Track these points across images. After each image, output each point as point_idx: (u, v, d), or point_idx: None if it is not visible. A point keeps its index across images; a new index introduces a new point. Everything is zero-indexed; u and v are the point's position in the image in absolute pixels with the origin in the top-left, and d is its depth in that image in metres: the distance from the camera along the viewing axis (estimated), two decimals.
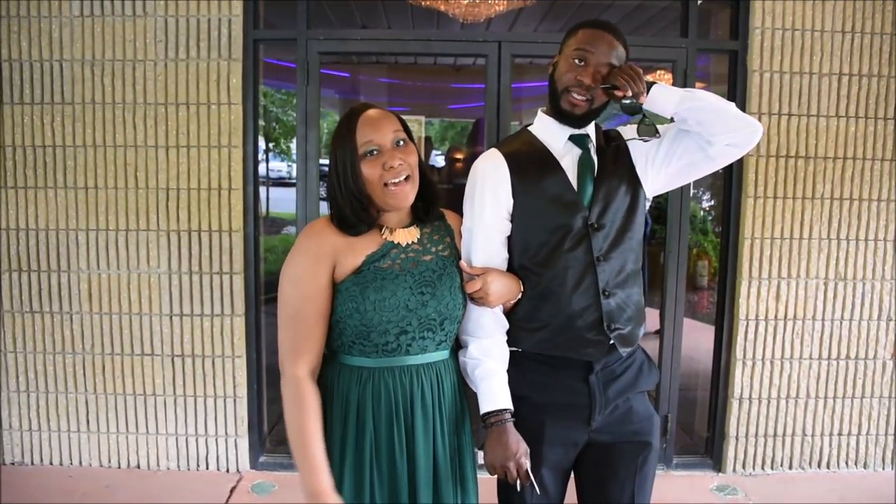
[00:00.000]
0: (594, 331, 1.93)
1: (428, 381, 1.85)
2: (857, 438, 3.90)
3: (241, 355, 3.72)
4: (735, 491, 3.71)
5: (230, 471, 3.82)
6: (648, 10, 5.01)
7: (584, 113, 1.92)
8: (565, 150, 1.97)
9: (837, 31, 3.63)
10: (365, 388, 1.83)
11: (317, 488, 1.71)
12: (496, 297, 1.89)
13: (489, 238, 1.94)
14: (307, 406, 1.75)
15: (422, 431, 1.84)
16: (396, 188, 1.80)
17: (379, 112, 1.84)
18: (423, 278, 1.83)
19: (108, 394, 3.75)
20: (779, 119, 3.66)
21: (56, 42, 3.57)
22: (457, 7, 5.15)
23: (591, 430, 1.97)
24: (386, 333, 1.80)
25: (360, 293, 1.78)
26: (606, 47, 1.88)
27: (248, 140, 3.68)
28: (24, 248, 3.67)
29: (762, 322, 3.76)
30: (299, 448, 1.75)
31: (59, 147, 3.62)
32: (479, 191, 1.95)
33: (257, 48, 3.73)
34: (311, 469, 1.73)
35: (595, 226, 1.92)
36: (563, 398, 1.96)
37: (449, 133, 15.72)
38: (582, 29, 1.93)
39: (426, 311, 1.82)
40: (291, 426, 1.77)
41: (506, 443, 1.85)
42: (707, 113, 1.86)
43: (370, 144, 1.79)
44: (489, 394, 1.89)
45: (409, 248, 1.87)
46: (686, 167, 2.00)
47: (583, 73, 1.87)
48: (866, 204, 3.74)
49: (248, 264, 3.72)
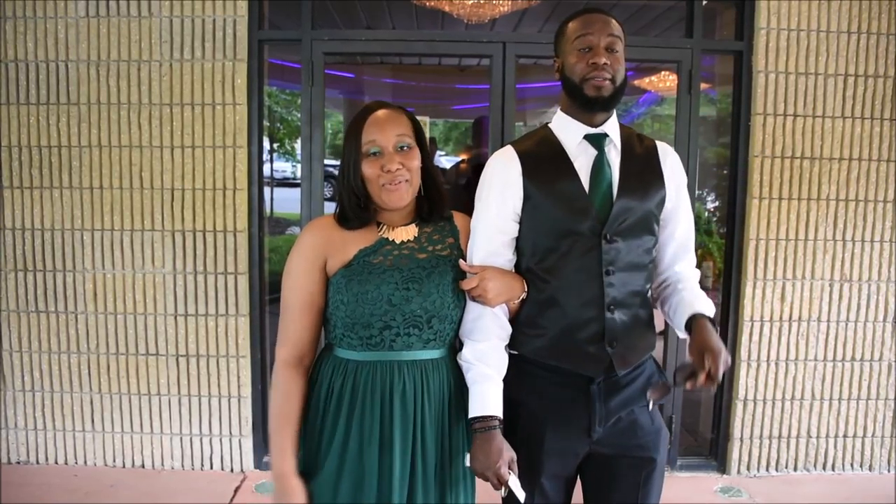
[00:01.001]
0: (594, 345, 1.87)
1: (411, 378, 1.84)
2: (863, 440, 3.89)
3: (245, 355, 3.73)
4: (739, 492, 3.71)
5: (234, 470, 3.82)
6: (653, 11, 5.01)
7: (612, 93, 1.84)
8: (580, 150, 1.90)
9: (843, 31, 3.63)
10: (347, 380, 1.85)
11: (279, 470, 1.81)
12: (495, 295, 1.85)
13: (489, 238, 1.91)
14: (283, 390, 1.85)
15: (399, 428, 1.82)
16: (392, 188, 1.83)
17: (388, 113, 1.87)
18: (412, 275, 1.84)
19: (113, 393, 3.76)
20: (784, 120, 3.66)
21: (62, 42, 3.58)
22: (461, 7, 5.15)
23: (593, 441, 1.91)
24: (370, 327, 1.82)
25: (345, 285, 1.82)
26: (602, 24, 1.84)
27: (252, 140, 3.69)
28: (29, 248, 3.68)
29: (767, 323, 3.76)
30: (273, 428, 1.85)
31: (64, 147, 3.63)
32: (487, 189, 1.93)
33: (262, 49, 3.74)
34: (278, 451, 1.82)
35: (607, 237, 1.84)
36: (562, 407, 1.90)
37: (453, 133, 15.74)
38: (571, 21, 1.90)
39: (410, 307, 1.82)
40: (270, 409, 1.88)
41: (488, 451, 1.80)
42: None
43: (373, 145, 1.83)
44: (477, 399, 1.85)
45: (404, 246, 1.88)
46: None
47: (593, 56, 1.82)
48: (872, 205, 3.73)
49: (253, 264, 3.73)
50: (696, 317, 1.85)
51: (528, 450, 1.90)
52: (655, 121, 9.83)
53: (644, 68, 7.71)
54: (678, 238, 1.98)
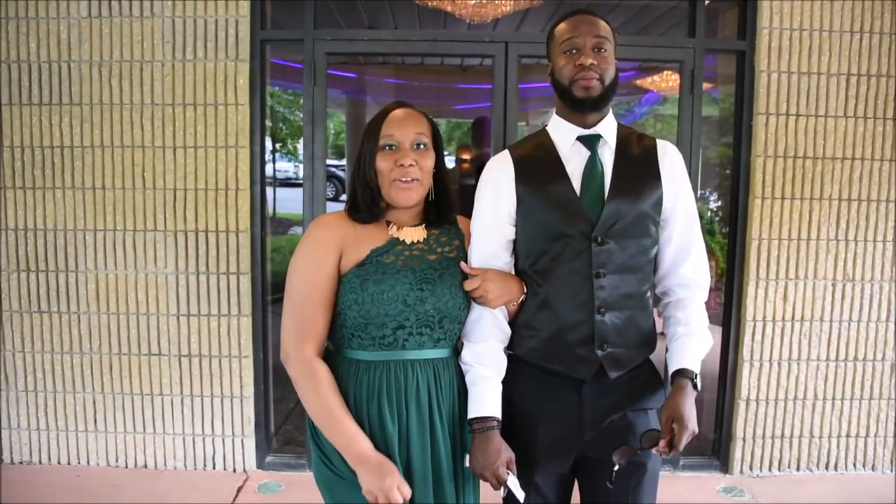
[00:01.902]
0: (584, 347, 1.87)
1: (424, 377, 1.86)
2: (865, 440, 3.89)
3: (247, 355, 3.73)
4: (742, 492, 3.70)
5: (237, 470, 3.82)
6: (656, 10, 5.01)
7: (601, 93, 1.85)
8: (573, 152, 1.90)
9: (846, 31, 3.62)
10: (361, 381, 1.84)
11: (360, 454, 1.77)
12: (495, 296, 1.87)
13: (487, 241, 1.92)
14: (322, 382, 1.80)
15: (416, 427, 1.84)
16: (403, 186, 1.85)
17: (408, 112, 1.91)
18: (425, 275, 1.85)
19: (116, 393, 3.76)
20: (786, 119, 3.65)
21: (64, 43, 3.59)
22: (464, 7, 5.15)
23: (585, 442, 1.92)
24: (383, 327, 1.82)
25: (359, 285, 1.81)
26: (589, 26, 1.85)
27: (255, 140, 3.69)
28: (31, 248, 3.69)
29: (769, 323, 3.75)
30: (327, 424, 1.79)
31: (66, 147, 3.63)
32: (482, 192, 1.95)
33: (264, 49, 3.74)
34: (349, 439, 1.77)
35: (598, 239, 1.84)
36: (554, 407, 1.92)
37: (455, 133, 15.73)
38: (558, 26, 1.92)
39: (424, 307, 1.83)
40: (312, 405, 1.81)
41: (486, 451, 1.82)
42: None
43: (390, 139, 1.87)
44: (476, 400, 1.87)
45: (414, 247, 1.90)
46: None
47: (580, 57, 1.83)
48: (874, 205, 3.72)
49: (255, 264, 3.73)
50: (678, 375, 1.87)
51: (522, 449, 1.91)
52: (658, 121, 9.82)
53: (646, 68, 7.70)
54: (677, 240, 1.96)
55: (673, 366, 1.90)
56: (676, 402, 1.80)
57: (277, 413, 4.00)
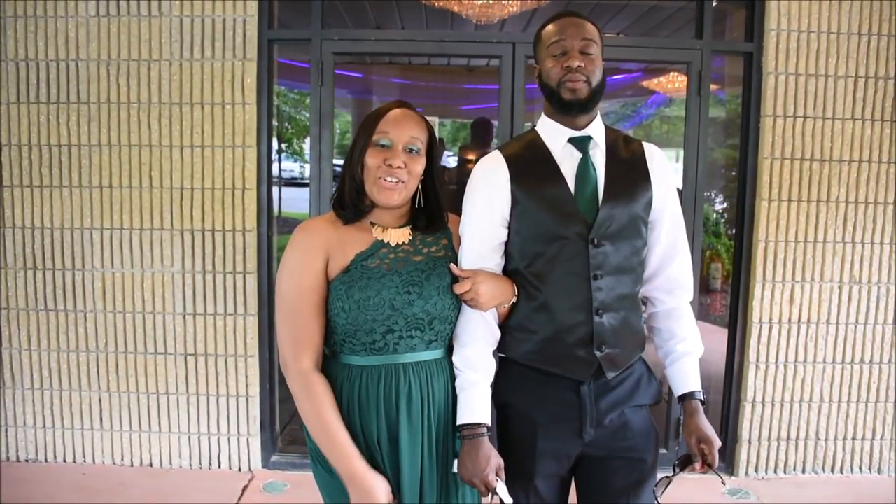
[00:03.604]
0: (583, 349, 1.87)
1: (416, 380, 1.84)
2: (871, 443, 3.88)
3: (253, 354, 3.74)
4: (747, 494, 3.70)
5: (242, 470, 3.83)
6: (663, 12, 5.00)
7: (588, 95, 1.86)
8: (565, 153, 1.90)
9: (853, 33, 3.61)
10: (353, 386, 1.83)
11: (350, 473, 1.76)
12: (487, 298, 1.84)
13: (478, 242, 1.91)
14: (319, 396, 1.78)
15: (406, 431, 1.82)
16: (386, 185, 1.83)
17: (407, 114, 1.89)
18: (411, 278, 1.83)
19: (122, 392, 3.77)
20: (794, 121, 3.65)
21: (72, 42, 3.60)
22: (471, 8, 5.16)
23: (584, 442, 1.92)
24: (372, 332, 1.81)
25: (345, 292, 1.80)
26: (576, 28, 1.86)
27: (262, 140, 3.70)
28: (38, 247, 3.70)
29: (776, 325, 3.75)
30: (322, 439, 1.78)
31: (74, 146, 3.65)
32: (474, 194, 1.93)
33: (272, 48, 3.74)
34: (343, 456, 1.77)
35: (594, 241, 1.84)
36: (552, 409, 1.92)
37: (461, 134, 15.75)
38: (545, 28, 1.92)
39: (413, 310, 1.82)
40: (310, 419, 1.80)
41: (475, 458, 1.81)
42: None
43: (384, 137, 1.85)
44: (465, 406, 1.86)
45: (399, 249, 1.88)
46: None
47: (567, 60, 1.84)
48: (881, 207, 3.71)
49: (262, 264, 3.74)
50: (689, 398, 1.99)
51: (520, 452, 1.91)
52: (664, 122, 9.80)
53: (653, 69, 7.70)
54: (664, 241, 1.97)
55: (679, 389, 2.00)
56: (697, 425, 1.93)
57: (283, 412, 4.00)
